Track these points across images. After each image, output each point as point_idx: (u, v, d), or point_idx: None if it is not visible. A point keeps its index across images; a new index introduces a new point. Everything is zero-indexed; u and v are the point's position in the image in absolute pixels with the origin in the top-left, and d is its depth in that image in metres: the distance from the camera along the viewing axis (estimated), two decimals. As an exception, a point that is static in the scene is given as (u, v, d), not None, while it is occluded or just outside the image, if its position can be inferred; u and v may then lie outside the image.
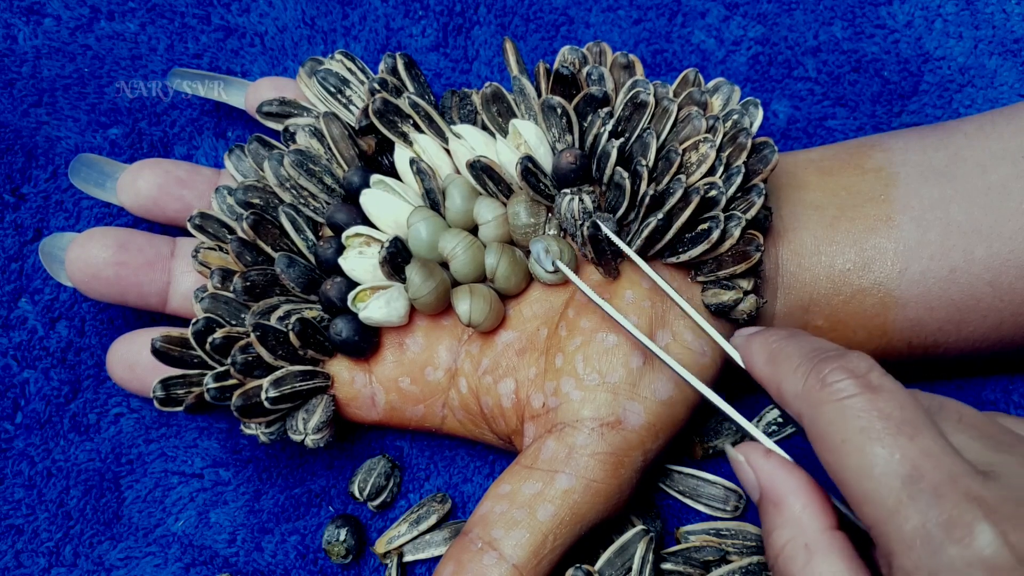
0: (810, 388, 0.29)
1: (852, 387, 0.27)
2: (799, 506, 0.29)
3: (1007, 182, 0.37)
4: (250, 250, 0.39)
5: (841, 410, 0.27)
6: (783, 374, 0.30)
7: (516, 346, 0.38)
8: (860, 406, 0.27)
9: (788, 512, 0.29)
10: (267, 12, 0.49)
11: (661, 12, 0.50)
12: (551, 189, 0.38)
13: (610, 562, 0.38)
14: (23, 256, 0.45)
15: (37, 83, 0.48)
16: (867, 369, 0.28)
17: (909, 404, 0.27)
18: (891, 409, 0.27)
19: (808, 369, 0.29)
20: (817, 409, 0.28)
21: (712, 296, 0.37)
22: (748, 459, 0.31)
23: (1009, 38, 0.48)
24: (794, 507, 0.29)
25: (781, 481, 0.30)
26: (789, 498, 0.30)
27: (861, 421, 0.27)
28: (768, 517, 0.30)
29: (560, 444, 0.36)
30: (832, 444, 0.27)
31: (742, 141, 0.37)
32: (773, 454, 0.31)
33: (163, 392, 0.38)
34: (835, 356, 0.29)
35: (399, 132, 0.40)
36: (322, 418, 0.38)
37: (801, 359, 0.30)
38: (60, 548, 0.42)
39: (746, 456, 0.31)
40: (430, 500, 0.42)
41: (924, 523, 0.25)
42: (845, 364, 0.28)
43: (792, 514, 0.29)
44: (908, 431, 0.26)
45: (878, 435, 0.26)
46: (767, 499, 0.30)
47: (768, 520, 0.30)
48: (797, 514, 0.29)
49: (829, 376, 0.28)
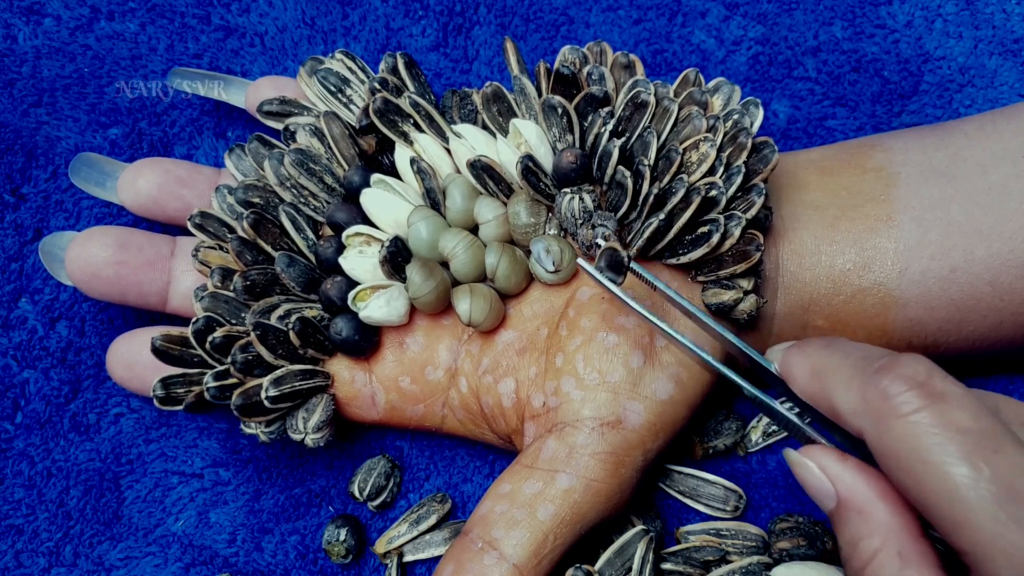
0: (870, 403, 0.27)
1: (917, 399, 0.26)
2: (887, 512, 0.27)
3: (1007, 182, 0.37)
4: (250, 249, 0.39)
5: (911, 427, 0.25)
6: (834, 390, 0.28)
7: (516, 346, 0.38)
8: (931, 421, 0.25)
9: (875, 518, 0.28)
10: (267, 12, 0.49)
11: (661, 12, 0.50)
12: (551, 188, 0.38)
13: (610, 562, 0.38)
14: (23, 256, 0.45)
15: (37, 83, 0.48)
16: (927, 374, 0.26)
17: (981, 412, 0.25)
18: (966, 421, 0.25)
19: (863, 382, 0.27)
20: (883, 427, 0.26)
21: (712, 296, 0.37)
22: (821, 465, 0.29)
23: (1009, 38, 0.49)
24: (881, 513, 0.27)
25: (864, 487, 0.28)
26: (875, 503, 0.28)
27: (936, 437, 0.25)
28: (851, 526, 0.28)
29: (560, 443, 0.36)
30: (908, 466, 0.25)
31: (742, 141, 0.37)
32: (850, 458, 0.29)
33: (163, 391, 0.38)
34: (890, 364, 0.27)
35: (399, 131, 0.40)
36: (322, 417, 0.38)
37: (852, 371, 0.28)
38: (60, 548, 0.42)
39: (817, 462, 0.29)
40: (430, 500, 0.42)
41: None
42: (903, 372, 0.26)
43: (880, 520, 0.27)
44: (990, 445, 0.24)
45: (960, 453, 0.24)
46: (848, 507, 0.28)
47: (852, 529, 0.28)
48: (886, 520, 0.27)
49: (890, 388, 0.26)
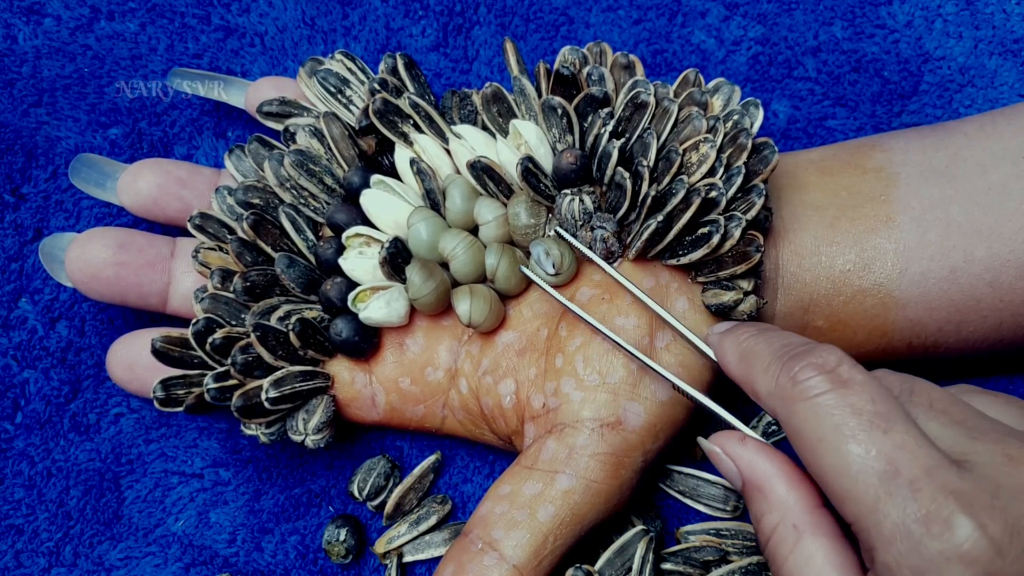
0: (782, 387, 0.29)
1: (823, 383, 0.27)
2: (783, 488, 0.29)
3: (1007, 182, 0.37)
4: (250, 250, 0.39)
5: (814, 408, 0.27)
6: (755, 373, 0.30)
7: (516, 346, 0.38)
8: (832, 403, 0.27)
9: (773, 495, 0.30)
10: (267, 12, 0.49)
11: (661, 12, 0.50)
12: (551, 189, 0.38)
13: (610, 562, 0.38)
14: (23, 256, 0.45)
15: (37, 83, 0.48)
16: (836, 363, 0.28)
17: (881, 397, 0.27)
18: (863, 403, 0.27)
19: (779, 367, 0.29)
20: (790, 408, 0.28)
21: (712, 296, 0.37)
22: (724, 448, 0.31)
23: (1009, 38, 0.48)
24: (778, 490, 0.30)
25: (762, 466, 0.30)
26: (772, 481, 0.30)
27: (834, 418, 0.27)
28: (754, 503, 0.30)
29: (560, 445, 0.36)
30: (808, 443, 0.27)
31: (742, 141, 0.37)
32: (749, 440, 0.31)
33: (163, 392, 0.38)
34: (804, 352, 0.29)
35: (399, 132, 0.40)
36: (322, 418, 0.38)
37: (771, 357, 0.30)
38: (60, 548, 0.42)
39: (721, 446, 0.31)
40: (430, 501, 0.42)
41: (903, 519, 0.25)
42: (814, 360, 0.28)
43: (777, 497, 0.29)
44: (881, 425, 0.26)
45: (852, 432, 0.26)
46: (751, 486, 0.30)
47: (755, 506, 0.30)
48: (783, 496, 0.29)
49: (800, 374, 0.28)
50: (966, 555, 0.24)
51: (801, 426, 0.27)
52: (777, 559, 0.29)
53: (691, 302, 0.37)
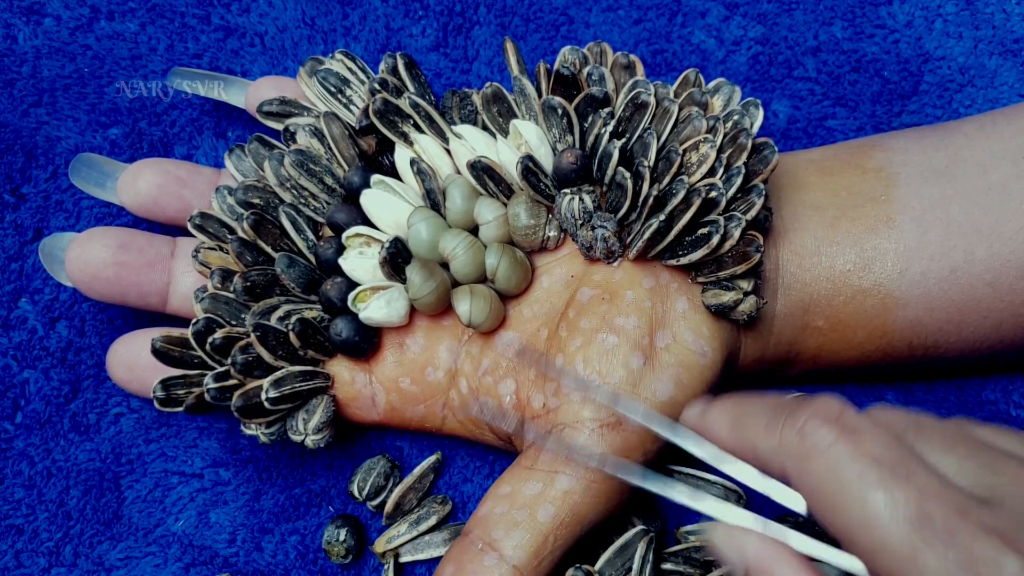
0: (789, 444, 0.28)
1: (831, 435, 0.27)
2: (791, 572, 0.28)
3: (1007, 182, 0.37)
4: (250, 250, 0.39)
5: (829, 461, 0.26)
6: (754, 437, 0.29)
7: (516, 346, 0.38)
8: (847, 453, 0.26)
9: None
10: (267, 12, 0.49)
11: (661, 12, 0.50)
12: (552, 189, 0.38)
13: (610, 562, 0.38)
14: (23, 256, 0.45)
15: (37, 83, 0.48)
16: (839, 411, 0.27)
17: (891, 441, 0.26)
18: (878, 450, 0.26)
19: (779, 424, 0.28)
20: (803, 464, 0.27)
21: (712, 297, 0.37)
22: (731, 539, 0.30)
23: (1009, 38, 0.49)
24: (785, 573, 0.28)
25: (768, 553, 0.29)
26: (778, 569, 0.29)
27: (854, 469, 0.26)
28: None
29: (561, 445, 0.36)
30: (829, 498, 0.26)
31: (742, 142, 0.37)
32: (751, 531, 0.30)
33: (163, 392, 0.38)
34: (804, 405, 0.28)
35: (399, 132, 0.40)
36: (322, 418, 0.38)
37: (768, 416, 0.29)
38: (60, 548, 0.42)
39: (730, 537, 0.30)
40: (431, 501, 0.42)
41: (945, 566, 0.24)
42: (817, 411, 0.27)
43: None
44: (902, 471, 0.25)
45: (875, 482, 0.25)
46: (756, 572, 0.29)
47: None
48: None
49: (806, 427, 0.27)
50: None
51: (818, 482, 0.26)
52: None
53: (691, 302, 0.37)
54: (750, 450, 0.30)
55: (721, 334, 0.37)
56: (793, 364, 0.41)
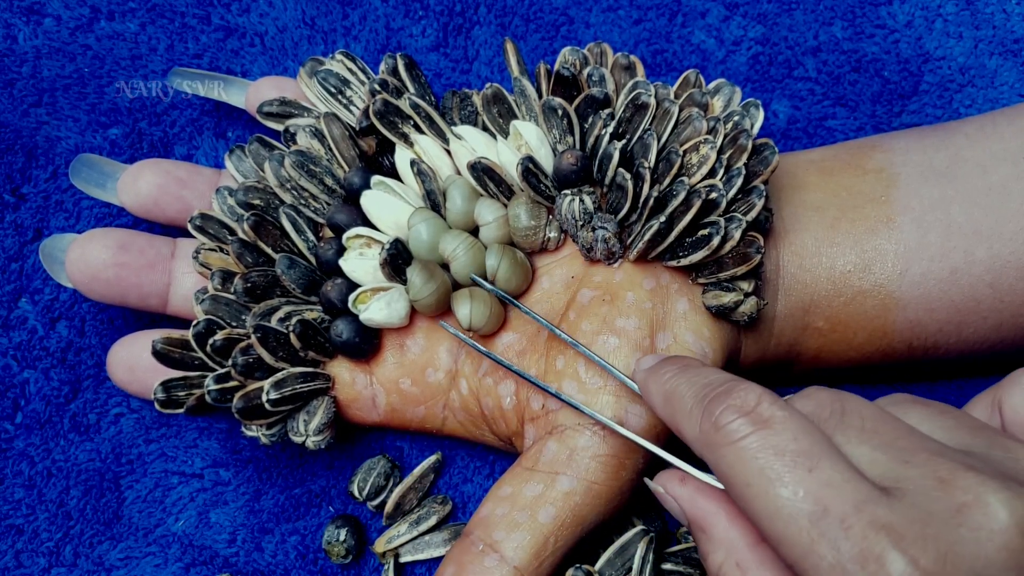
0: (705, 433, 0.28)
1: (744, 426, 0.27)
2: (724, 525, 0.29)
3: (1008, 183, 0.37)
4: (251, 251, 0.39)
5: (738, 452, 0.27)
6: (679, 417, 0.30)
7: (516, 347, 0.38)
8: (755, 446, 0.26)
9: (715, 533, 0.30)
10: (267, 12, 0.49)
11: (661, 12, 0.50)
12: (552, 190, 0.38)
13: (610, 562, 0.38)
14: (23, 256, 0.45)
15: (37, 83, 0.48)
16: (755, 402, 0.28)
17: (803, 432, 0.26)
18: (785, 443, 0.26)
19: (700, 412, 0.29)
20: (716, 453, 0.27)
21: (713, 298, 0.37)
22: (666, 488, 0.31)
23: (1009, 38, 0.49)
24: (719, 527, 0.30)
25: (702, 504, 0.30)
26: (713, 519, 0.30)
27: (759, 462, 0.26)
28: (699, 543, 0.30)
29: (561, 446, 0.36)
30: (738, 488, 0.27)
31: (743, 143, 0.37)
32: (689, 478, 0.31)
33: (164, 394, 0.38)
34: (723, 393, 0.28)
35: (400, 133, 0.39)
36: (323, 420, 0.38)
37: (693, 400, 0.29)
38: (60, 548, 0.42)
39: (664, 486, 0.31)
40: (431, 501, 0.42)
41: (838, 559, 0.24)
42: (732, 402, 0.28)
43: (719, 535, 0.29)
44: (805, 464, 0.26)
45: (778, 474, 0.26)
46: (694, 524, 0.30)
47: (701, 546, 0.30)
48: (723, 535, 0.29)
49: (721, 417, 0.28)
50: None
51: (728, 472, 0.27)
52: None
53: (692, 303, 0.37)
54: (676, 429, 0.30)
55: (722, 335, 0.37)
56: (793, 365, 0.41)
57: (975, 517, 0.24)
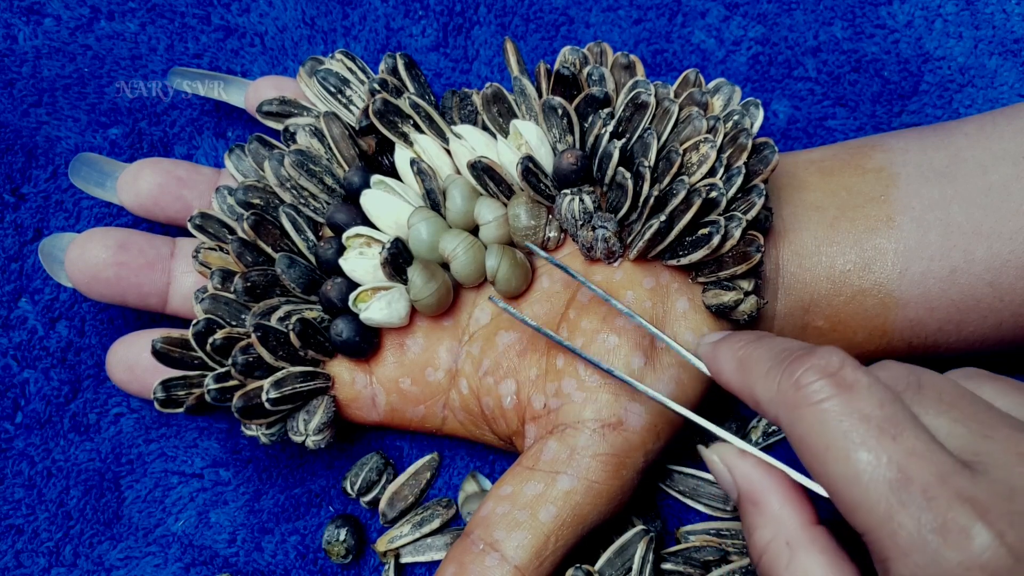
0: (784, 392, 0.28)
1: (827, 388, 0.27)
2: (777, 504, 0.29)
3: (1008, 182, 0.37)
4: (251, 250, 0.39)
5: (820, 414, 0.26)
6: (754, 380, 0.30)
7: (517, 347, 0.38)
8: (839, 409, 0.26)
9: (768, 510, 0.29)
10: (267, 12, 0.49)
11: (661, 12, 0.50)
12: (552, 190, 0.38)
13: (610, 562, 0.38)
14: (23, 256, 0.45)
15: (37, 83, 0.48)
16: (839, 365, 0.27)
17: (888, 400, 0.26)
18: (871, 409, 0.26)
19: (780, 372, 0.28)
20: (795, 414, 0.27)
21: (713, 297, 0.37)
22: (723, 459, 0.31)
23: (1009, 38, 0.49)
24: (773, 505, 0.29)
25: (758, 479, 0.30)
26: (767, 496, 0.30)
27: (842, 425, 0.26)
28: (748, 517, 0.30)
29: (562, 445, 0.36)
30: (815, 451, 0.26)
31: (743, 142, 0.37)
32: (747, 453, 0.31)
33: (164, 393, 0.38)
34: (806, 355, 0.28)
35: (399, 132, 0.39)
36: (323, 419, 0.38)
37: (771, 362, 0.29)
38: (60, 548, 0.42)
39: (720, 456, 0.31)
40: (435, 504, 0.42)
41: (919, 529, 0.24)
42: (817, 363, 0.28)
43: (772, 512, 0.29)
44: (890, 431, 0.26)
45: (861, 439, 0.26)
46: (745, 499, 0.30)
47: (748, 520, 0.30)
48: (776, 512, 0.29)
49: (803, 378, 0.27)
50: (986, 565, 0.23)
51: (806, 433, 0.27)
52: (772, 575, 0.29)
53: (692, 302, 0.37)
54: (749, 393, 0.30)
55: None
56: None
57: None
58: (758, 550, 0.29)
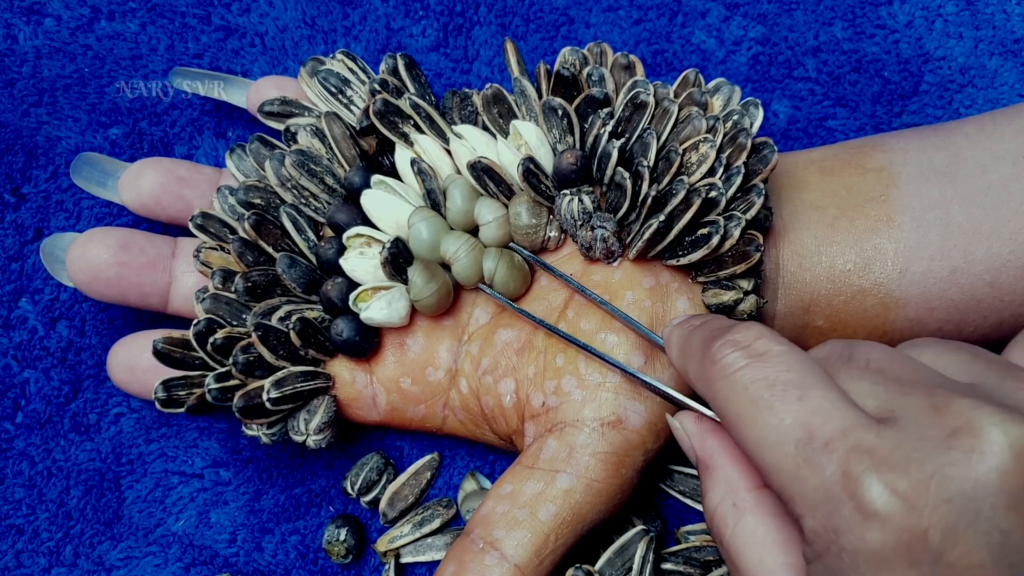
0: (704, 369, 0.29)
1: (739, 359, 0.28)
2: (728, 466, 0.30)
3: (1008, 182, 0.37)
4: (252, 250, 0.39)
5: (731, 384, 0.27)
6: (687, 361, 0.31)
7: (515, 345, 0.38)
8: (748, 377, 0.27)
9: (717, 473, 0.30)
10: (267, 12, 0.49)
11: (661, 12, 0.50)
12: (552, 190, 0.38)
13: (610, 562, 0.38)
14: (23, 256, 0.45)
15: (37, 83, 0.48)
16: (754, 338, 0.28)
17: (798, 364, 0.27)
18: (777, 374, 0.27)
19: (702, 350, 0.29)
20: (712, 388, 0.28)
21: (712, 296, 0.37)
22: (682, 424, 0.32)
23: (1009, 38, 0.49)
24: (722, 468, 0.30)
25: (710, 443, 0.31)
26: (718, 459, 0.30)
27: (749, 392, 0.27)
28: (702, 479, 0.31)
29: (561, 444, 0.36)
30: (730, 420, 0.27)
31: (742, 141, 0.37)
32: (703, 418, 0.31)
33: (165, 393, 0.38)
34: (723, 331, 0.29)
35: (400, 133, 0.39)
36: (323, 419, 0.38)
37: (701, 343, 0.30)
38: (60, 548, 0.42)
39: (680, 422, 0.32)
40: (435, 504, 0.42)
41: (822, 482, 0.25)
42: (732, 337, 0.28)
43: (721, 475, 0.30)
44: (795, 393, 0.26)
45: (767, 403, 0.26)
46: (700, 462, 0.31)
47: (703, 483, 0.31)
48: (726, 474, 0.30)
49: (717, 352, 0.28)
50: (879, 514, 0.24)
51: (723, 404, 0.28)
52: (720, 536, 0.29)
53: (691, 302, 0.37)
54: (685, 375, 0.31)
55: None
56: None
57: (967, 441, 0.24)
58: (709, 512, 0.30)
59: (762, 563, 0.28)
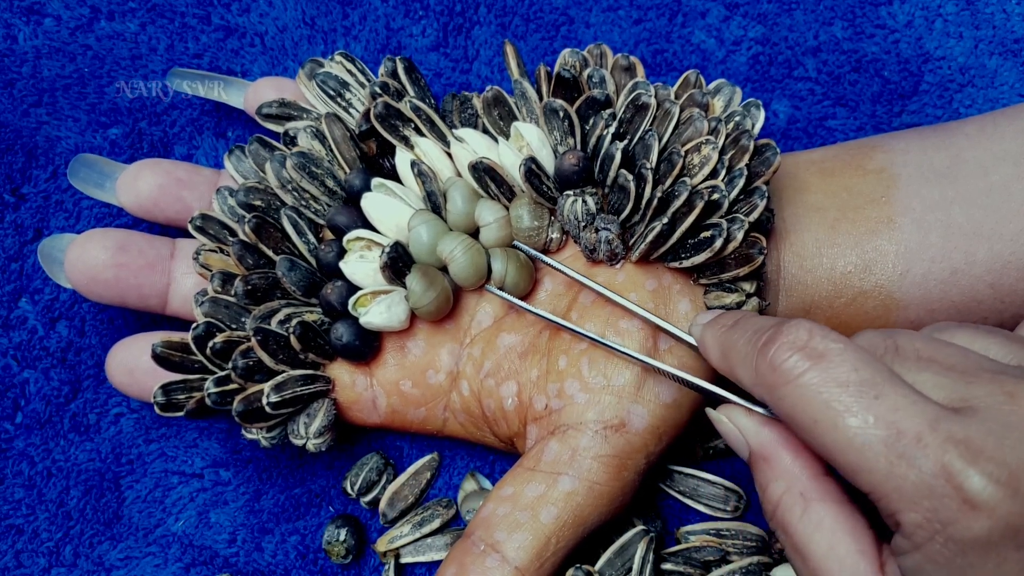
0: (764, 375, 0.28)
1: (801, 362, 0.27)
2: (789, 458, 0.30)
3: (1008, 183, 0.37)
4: (251, 253, 0.39)
5: (799, 390, 0.27)
6: (736, 367, 0.30)
7: (518, 348, 0.38)
8: (816, 380, 0.27)
9: (779, 464, 0.30)
10: (267, 12, 0.49)
11: (661, 12, 0.50)
12: (554, 191, 0.38)
13: (610, 562, 0.38)
14: (23, 256, 0.45)
15: (37, 83, 0.48)
16: (808, 337, 0.28)
17: (862, 362, 0.27)
18: (846, 374, 0.27)
19: (754, 357, 0.29)
20: (777, 394, 0.28)
21: (715, 299, 0.37)
22: (731, 418, 0.32)
23: (1009, 38, 0.49)
24: (784, 459, 0.30)
25: (768, 436, 0.31)
26: (778, 451, 0.30)
27: (822, 396, 0.26)
28: (760, 473, 0.31)
29: (563, 446, 0.36)
30: (805, 426, 0.27)
31: (744, 143, 0.37)
32: (755, 412, 0.31)
33: (164, 397, 0.38)
34: (774, 335, 0.29)
35: (400, 136, 0.39)
36: (323, 422, 0.38)
37: (747, 347, 0.30)
38: (60, 548, 0.42)
39: (728, 416, 0.32)
40: (435, 504, 0.42)
41: (921, 477, 0.25)
42: (785, 339, 0.28)
43: (784, 466, 0.30)
44: (871, 392, 0.26)
45: (845, 406, 0.26)
46: (757, 455, 0.31)
47: (761, 476, 0.31)
48: (788, 465, 0.30)
49: (775, 357, 0.28)
50: (985, 503, 0.24)
51: (792, 410, 0.27)
52: (787, 527, 0.29)
53: (694, 304, 0.37)
54: (735, 378, 0.31)
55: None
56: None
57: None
58: (772, 503, 0.30)
59: (832, 550, 0.28)
